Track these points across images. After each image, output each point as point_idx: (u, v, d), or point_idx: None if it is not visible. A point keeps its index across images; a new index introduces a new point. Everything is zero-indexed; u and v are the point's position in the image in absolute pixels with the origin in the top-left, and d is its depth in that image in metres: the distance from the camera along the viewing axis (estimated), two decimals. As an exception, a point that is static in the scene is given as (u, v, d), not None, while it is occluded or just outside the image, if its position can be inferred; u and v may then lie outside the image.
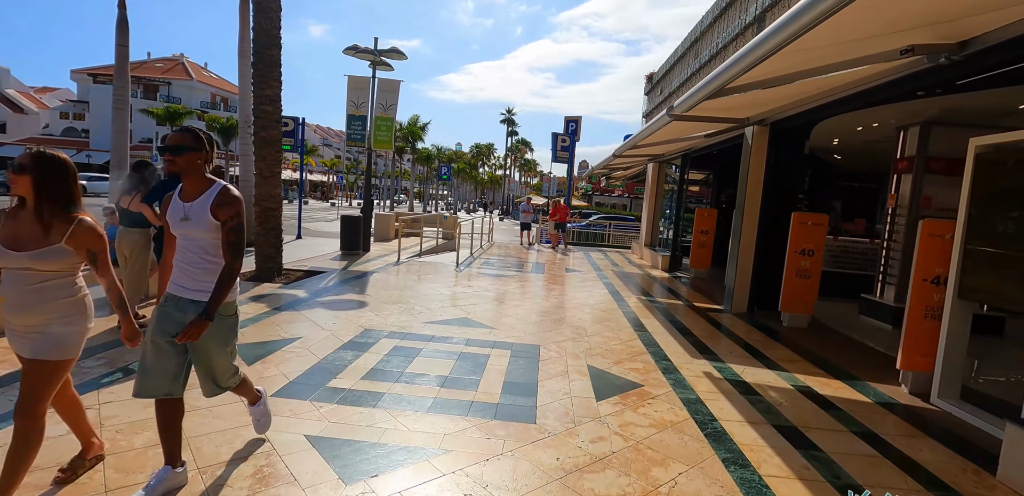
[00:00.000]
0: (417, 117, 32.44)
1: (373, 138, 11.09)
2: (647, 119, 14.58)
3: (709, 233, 10.47)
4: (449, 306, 6.40)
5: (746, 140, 7.16)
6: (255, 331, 4.78)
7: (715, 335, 5.84)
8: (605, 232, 17.09)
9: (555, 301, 7.24)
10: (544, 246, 15.86)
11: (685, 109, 4.72)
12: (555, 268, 10.88)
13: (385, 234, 14.26)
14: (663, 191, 13.52)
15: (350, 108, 11.15)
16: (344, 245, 10.63)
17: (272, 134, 7.42)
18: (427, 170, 61.74)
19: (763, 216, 7.01)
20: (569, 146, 19.68)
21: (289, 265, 8.70)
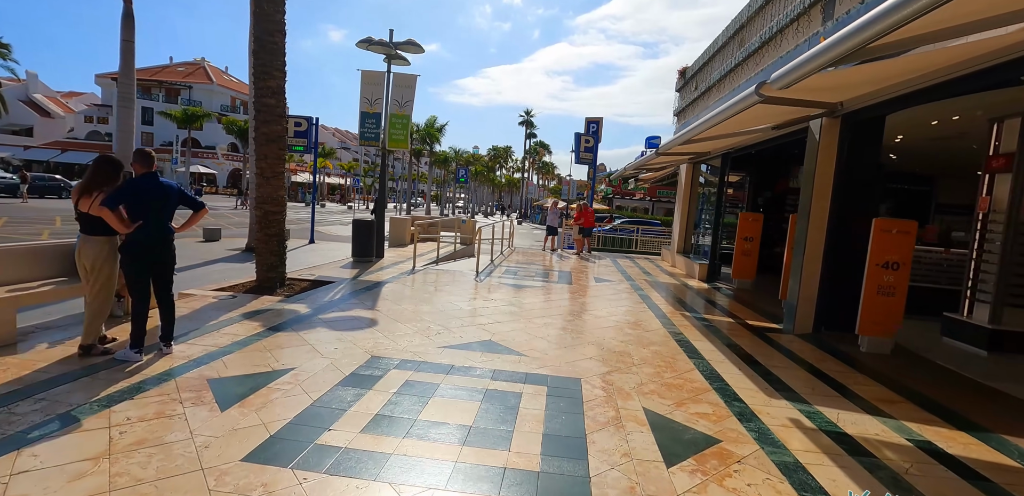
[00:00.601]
0: (434, 118, 31.75)
1: (388, 137, 10.36)
2: (680, 117, 13.65)
3: (754, 240, 9.50)
4: (470, 325, 5.57)
5: (812, 134, 6.23)
6: (241, 360, 4.00)
7: (785, 364, 4.91)
8: (632, 237, 16.14)
9: (589, 318, 6.37)
10: (568, 252, 14.99)
11: (788, 83, 3.60)
12: (583, 277, 10.00)
13: (400, 239, 13.53)
14: (697, 194, 12.56)
15: (363, 105, 10.44)
16: (356, 252, 9.90)
17: (275, 130, 6.70)
18: (444, 173, 61.29)
19: (833, 222, 6.07)
20: (592, 147, 18.75)
21: (295, 274, 7.97)
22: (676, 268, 12.35)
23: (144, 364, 3.78)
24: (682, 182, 12.73)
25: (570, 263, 12.39)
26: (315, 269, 8.77)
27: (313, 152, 15.44)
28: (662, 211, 40.31)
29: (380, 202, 10.74)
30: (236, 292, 6.40)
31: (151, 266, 3.87)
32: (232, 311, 5.44)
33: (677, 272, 11.77)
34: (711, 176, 12.06)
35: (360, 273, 8.59)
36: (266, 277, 6.76)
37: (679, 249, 12.72)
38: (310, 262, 10.22)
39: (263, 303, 5.93)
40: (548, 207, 14.63)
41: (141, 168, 3.81)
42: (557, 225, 14.70)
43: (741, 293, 9.08)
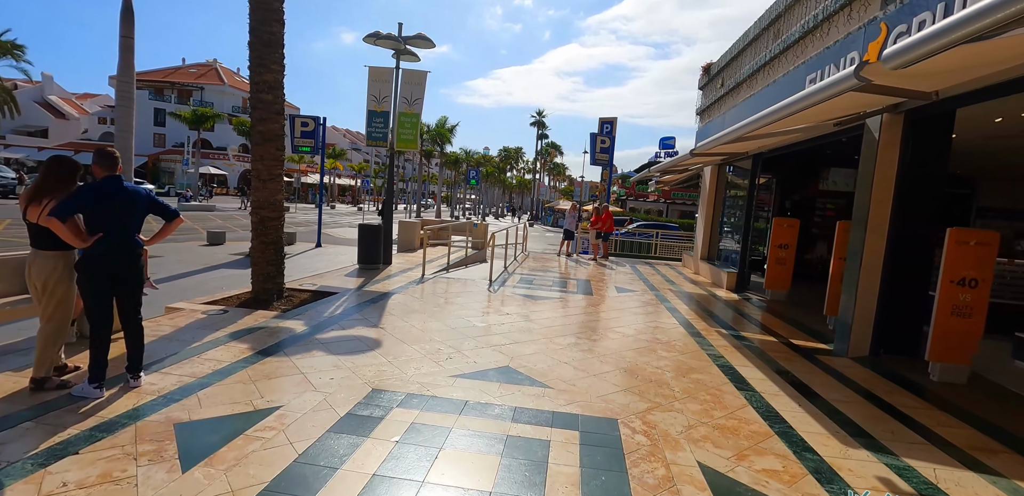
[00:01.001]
0: (445, 118, 31.17)
1: (396, 136, 9.80)
2: (704, 116, 12.97)
3: (789, 247, 8.80)
4: (484, 346, 4.97)
5: (869, 133, 5.55)
6: (220, 395, 3.42)
7: (850, 398, 4.24)
8: (651, 242, 15.43)
9: (615, 336, 5.73)
10: (584, 257, 14.33)
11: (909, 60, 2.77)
12: (603, 286, 9.36)
13: (410, 243, 12.98)
14: (722, 198, 11.85)
15: (371, 103, 9.90)
16: (362, 258, 9.34)
17: (272, 128, 6.15)
18: (455, 174, 60.83)
19: (894, 230, 5.38)
20: (608, 147, 18.10)
21: (296, 283, 7.43)
22: (700, 276, 11.66)
23: (104, 402, 3.21)
24: (706, 185, 12.04)
25: (587, 270, 11.75)
26: (318, 277, 8.22)
27: (320, 152, 14.96)
28: (676, 213, 39.46)
29: (387, 206, 10.19)
30: (229, 305, 5.85)
31: (114, 285, 3.31)
32: (220, 330, 4.88)
33: (702, 280, 11.08)
34: (738, 179, 11.36)
35: (366, 282, 8.02)
36: (262, 289, 6.21)
37: (703, 255, 12.03)
38: (314, 268, 9.69)
39: (256, 319, 5.37)
40: (566, 210, 14.00)
41: (102, 170, 3.26)
42: (574, 229, 14.05)
43: (776, 305, 8.38)
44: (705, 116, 12.63)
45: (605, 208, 13.37)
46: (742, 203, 10.61)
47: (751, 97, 9.09)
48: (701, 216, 12.33)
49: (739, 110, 9.65)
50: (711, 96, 12.16)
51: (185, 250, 12.24)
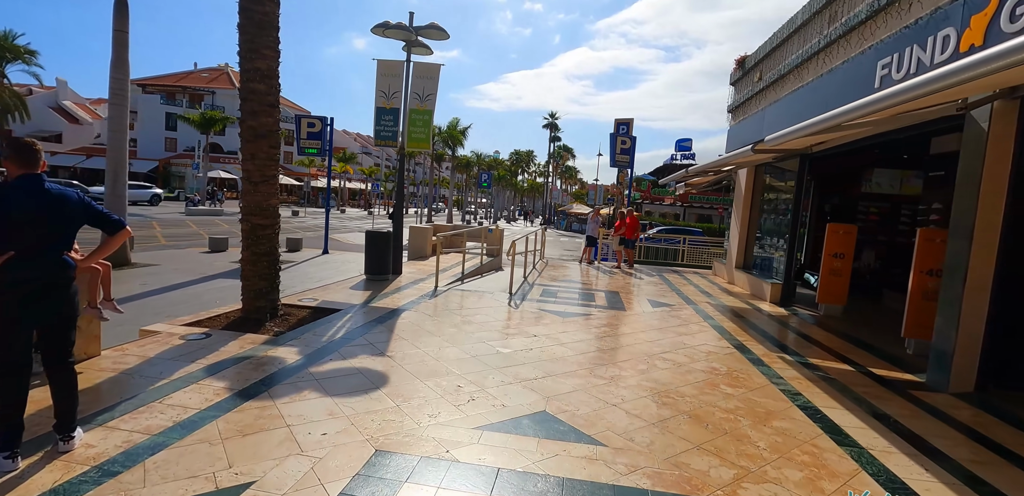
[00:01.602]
0: (457, 120, 30.32)
1: (407, 136, 9.00)
2: (737, 113, 12.05)
3: (846, 257, 7.86)
4: (513, 380, 4.11)
5: (973, 125, 4.62)
6: (174, 463, 2.60)
7: (984, 457, 3.32)
8: (677, 248, 14.49)
9: (667, 366, 4.84)
10: (607, 264, 13.43)
11: None
12: (634, 299, 8.46)
13: (421, 250, 12.17)
14: (759, 201, 10.91)
15: (379, 100, 9.12)
16: (370, 269, 8.53)
17: (264, 123, 5.37)
18: (466, 178, 60.13)
19: (1007, 241, 4.45)
20: (629, 148, 17.19)
21: (295, 297, 6.64)
22: (737, 286, 10.71)
23: (16, 478, 2.40)
24: (741, 188, 11.11)
25: (613, 279, 10.85)
26: (321, 290, 7.42)
27: (328, 154, 14.25)
28: (694, 217, 38.36)
29: (398, 211, 9.39)
30: (214, 327, 5.06)
31: (32, 321, 2.50)
32: (196, 361, 4.07)
33: (739, 291, 10.14)
34: (777, 181, 10.42)
35: (373, 296, 7.21)
36: (253, 307, 5.41)
37: (738, 264, 11.08)
38: (318, 279, 8.91)
39: (243, 346, 4.56)
40: (588, 215, 13.10)
41: (16, 167, 2.46)
42: (597, 235, 13.15)
43: (835, 323, 7.43)
44: (739, 113, 11.71)
45: (630, 212, 12.47)
46: (784, 207, 9.68)
47: (801, 88, 8.18)
48: (735, 221, 11.39)
49: (785, 104, 8.74)
50: (746, 91, 11.25)
51: (184, 258, 11.54)
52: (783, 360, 5.28)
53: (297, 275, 9.47)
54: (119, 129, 10.06)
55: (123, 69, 9.92)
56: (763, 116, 9.89)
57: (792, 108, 8.44)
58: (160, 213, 25.77)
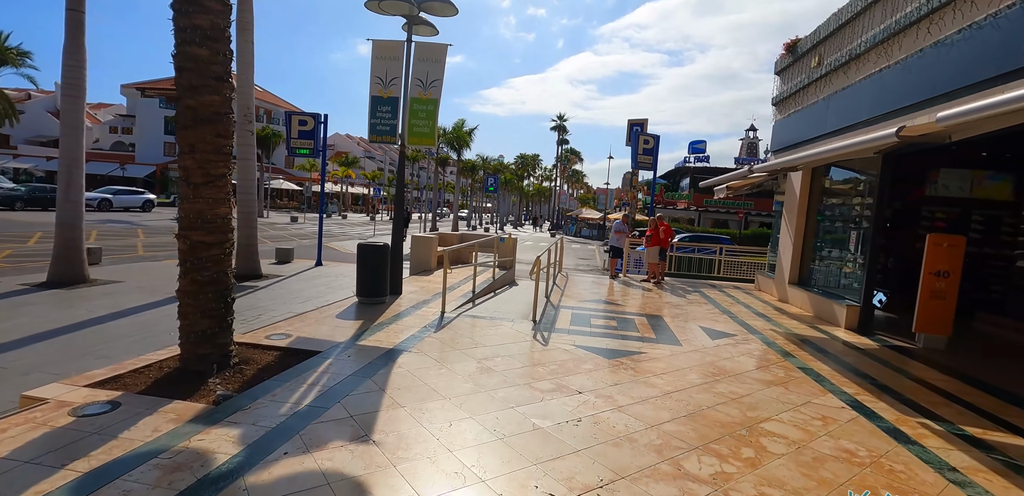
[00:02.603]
0: (463, 121, 28.73)
1: (408, 129, 7.54)
2: (783, 107, 10.56)
3: (952, 276, 6.33)
4: (568, 489, 2.61)
5: None
6: None
7: None
8: (712, 258, 12.93)
9: (782, 450, 3.32)
10: (634, 277, 11.90)
11: None
12: (686, 327, 6.94)
13: (424, 263, 10.70)
14: (816, 207, 9.39)
15: (375, 88, 7.67)
16: (363, 291, 7.05)
17: (208, 103, 3.88)
18: (471, 182, 58.75)
19: None
20: (653, 148, 15.73)
21: (263, 333, 5.17)
22: (793, 306, 9.17)
23: None
24: (795, 192, 9.59)
25: (649, 299, 9.34)
26: (299, 321, 5.94)
27: (321, 155, 12.84)
28: (709, 222, 36.77)
29: (398, 219, 7.91)
30: (131, 389, 3.58)
31: None
32: (67, 467, 2.59)
33: (797, 312, 8.60)
34: (840, 184, 8.92)
35: (364, 328, 5.72)
36: (194, 355, 3.93)
37: (792, 279, 9.55)
38: (303, 299, 7.44)
39: (159, 427, 3.07)
40: (614, 223, 11.61)
41: None
42: (623, 245, 11.63)
43: (951, 361, 5.87)
44: (789, 104, 10.21)
45: (661, 219, 10.96)
46: (850, 213, 8.17)
47: (888, 69, 6.68)
48: (788, 230, 9.87)
49: (865, 88, 7.25)
50: (798, 80, 9.75)
51: (156, 272, 10.10)
52: (933, 432, 3.75)
53: (278, 295, 8.01)
54: (74, 125, 8.64)
55: (78, 55, 8.52)
56: (827, 105, 8.40)
57: (875, 93, 6.95)
58: (151, 220, 24.45)
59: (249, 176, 10.21)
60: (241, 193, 10.23)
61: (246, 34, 9.79)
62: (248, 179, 10.21)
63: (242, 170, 10.15)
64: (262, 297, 7.94)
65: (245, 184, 10.20)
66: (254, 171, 10.34)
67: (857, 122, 7.45)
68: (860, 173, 8.15)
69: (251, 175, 10.23)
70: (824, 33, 8.70)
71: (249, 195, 10.22)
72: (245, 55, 9.83)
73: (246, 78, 9.96)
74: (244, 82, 9.95)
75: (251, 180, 10.25)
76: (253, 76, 10.11)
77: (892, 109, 6.55)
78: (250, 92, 10.07)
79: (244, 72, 9.93)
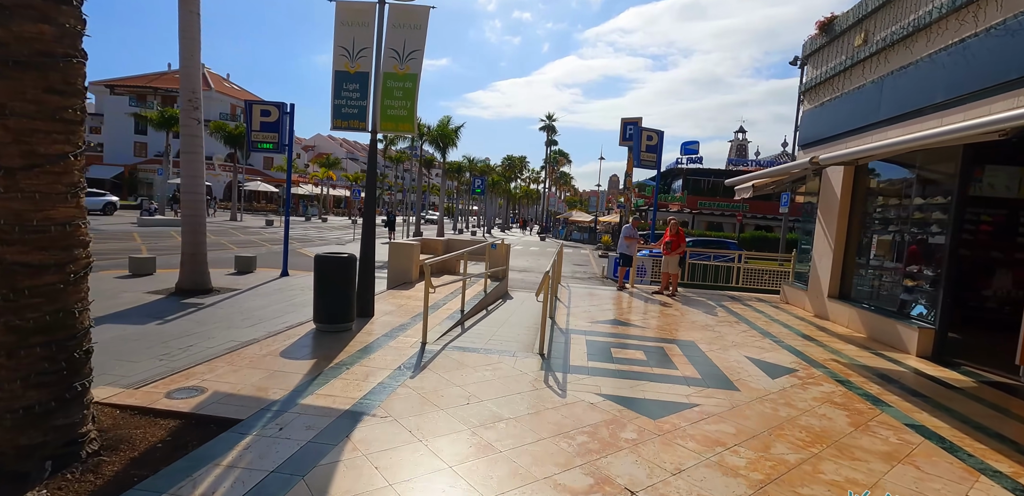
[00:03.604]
0: (448, 118, 26.92)
1: (380, 111, 6.06)
2: (812, 95, 9.29)
3: (1069, 294, 5.02)
4: None
5: None
6: None
7: None
8: (731, 266, 11.55)
9: None
10: (643, 288, 10.51)
11: None
12: (731, 359, 5.54)
13: (405, 274, 9.21)
14: (861, 210, 8.10)
15: (339, 61, 6.18)
16: (322, 316, 5.52)
17: (28, 34, 2.37)
18: (457, 184, 57.12)
19: None
20: (656, 145, 14.42)
21: (166, 383, 3.65)
22: (838, 324, 7.85)
23: None
24: (836, 191, 8.29)
25: (669, 316, 7.95)
26: (228, 361, 4.41)
27: (287, 150, 11.28)
28: (703, 224, 35.70)
29: (368, 222, 6.40)
30: None
31: None
32: None
33: (847, 332, 7.28)
34: (886, 184, 7.65)
35: (316, 375, 4.21)
36: (11, 447, 2.41)
37: (832, 292, 8.23)
38: (252, 322, 5.89)
39: None
40: (623, 228, 10.20)
41: None
42: (634, 252, 10.22)
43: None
44: (823, 92, 8.93)
45: (675, 224, 9.60)
46: (916, 216, 6.88)
47: (987, 33, 5.37)
48: (825, 235, 8.56)
49: (940, 63, 5.95)
50: (836, 62, 8.47)
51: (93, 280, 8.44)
52: None
53: (223, 316, 6.44)
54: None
55: None
56: (879, 88, 7.11)
57: (954, 69, 5.66)
58: (109, 224, 22.53)
59: (195, 172, 8.62)
60: (187, 193, 8.66)
61: (190, 4, 8.25)
62: (194, 176, 8.62)
63: (187, 165, 8.58)
64: (202, 319, 6.39)
65: (191, 182, 8.62)
66: (201, 167, 8.75)
67: (924, 106, 6.17)
68: (922, 169, 6.87)
69: (197, 171, 8.65)
70: (872, 5, 7.42)
71: (195, 195, 8.64)
72: (190, 29, 8.29)
73: (191, 54, 8.41)
74: (189, 59, 8.40)
75: (197, 177, 8.66)
76: (199, 53, 8.55)
77: (983, 86, 5.25)
78: (195, 71, 8.52)
79: (188, 48, 8.37)
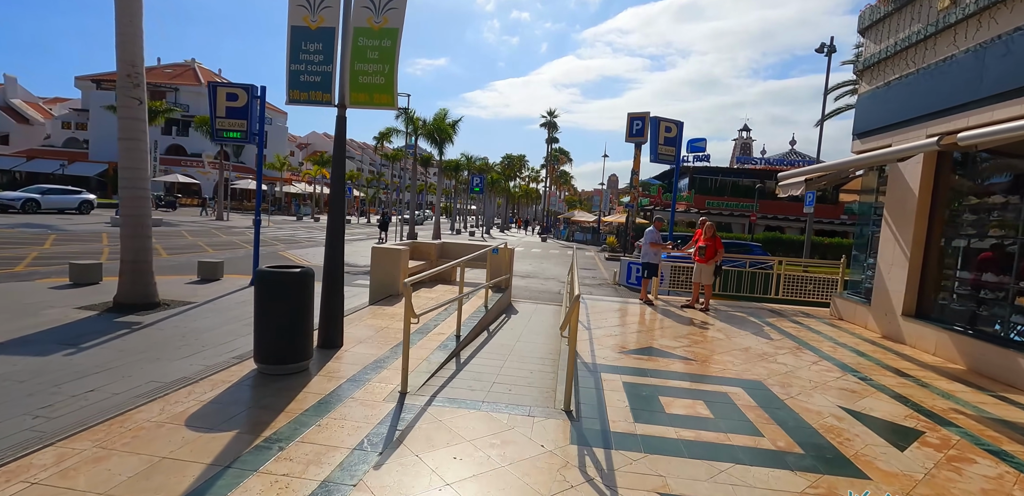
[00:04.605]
0: (445, 111, 25.11)
1: (349, 79, 4.58)
2: (870, 75, 7.82)
3: None
4: None
5: None
6: None
7: None
8: (769, 273, 9.96)
9: None
10: (667, 299, 9.02)
11: None
12: (821, 412, 4.08)
13: (390, 286, 7.72)
14: (946, 211, 6.64)
15: (297, 12, 4.67)
16: (264, 354, 4.02)
17: None
18: (455, 183, 55.49)
19: None
20: (675, 138, 12.95)
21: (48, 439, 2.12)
22: (919, 350, 6.39)
23: None
24: (914, 189, 6.82)
25: (715, 341, 6.48)
26: (111, 430, 2.92)
27: (258, 140, 9.80)
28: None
29: (334, 231, 4.89)
30: None
31: None
32: None
33: (937, 362, 5.81)
34: (992, 180, 6.19)
35: (224, 469, 2.72)
36: None
37: (907, 310, 6.77)
38: (184, 355, 4.38)
39: None
40: (646, 233, 8.67)
41: None
42: (659, 261, 8.73)
43: None
44: (887, 69, 7.45)
45: (711, 226, 8.13)
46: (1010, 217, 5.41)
47: None
48: (896, 241, 7.10)
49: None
50: (909, 32, 7.01)
51: (11, 296, 6.96)
52: None
53: (156, 343, 4.94)
54: None
55: None
56: (979, 59, 5.64)
57: None
58: (81, 223, 20.98)
59: (136, 164, 7.12)
60: (126, 188, 7.16)
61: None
62: (135, 168, 7.12)
63: (126, 154, 7.08)
64: (129, 347, 4.91)
65: (132, 175, 7.11)
66: (144, 156, 7.24)
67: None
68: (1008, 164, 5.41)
69: (138, 161, 7.14)
70: (969, -45, 5.95)
71: (136, 190, 7.13)
72: None
73: (129, 16, 6.87)
74: (127, 24, 6.87)
75: (139, 169, 7.16)
76: (140, 14, 7.02)
77: None
78: (135, 38, 6.98)
79: (126, 15, 6.86)
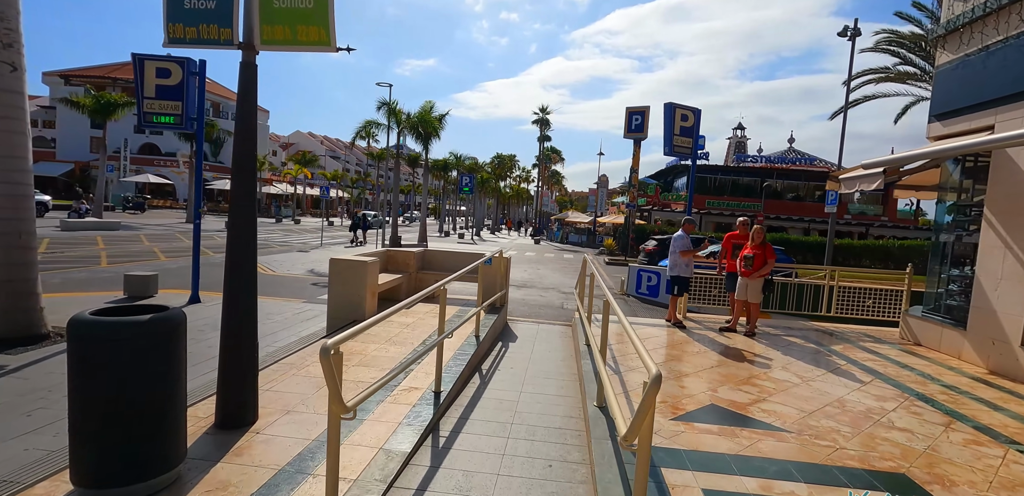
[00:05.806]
0: (432, 104, 23.24)
1: (259, 5, 2.92)
2: (950, 43, 6.27)
3: None
4: None
5: None
6: None
7: None
8: (821, 284, 8.19)
9: None
10: (696, 317, 7.38)
11: None
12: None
13: (353, 308, 6.02)
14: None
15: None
16: (85, 472, 2.29)
17: None
18: (443, 183, 53.60)
19: None
20: (692, 127, 11.38)
21: None
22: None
23: None
24: None
25: (795, 388, 4.86)
26: None
27: (197, 125, 8.04)
28: (711, 226, 32.78)
29: (239, 239, 3.20)
30: None
31: None
32: None
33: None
34: None
35: None
36: None
37: (1026, 338, 5.19)
38: (20, 433, 2.62)
39: None
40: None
41: None
42: (690, 273, 7.06)
43: None
44: (978, 33, 5.89)
45: (759, 229, 6.51)
46: None
47: None
48: (1006, 249, 5.53)
49: None
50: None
51: None
52: None
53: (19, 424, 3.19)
54: None
55: None
56: None
57: None
58: (28, 227, 18.94)
59: (12, 151, 5.34)
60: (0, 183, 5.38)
61: None
62: (10, 156, 5.34)
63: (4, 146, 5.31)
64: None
65: (6, 166, 5.34)
66: (24, 141, 5.47)
67: None
68: None
69: (15, 149, 5.37)
70: None
71: (15, 186, 5.37)
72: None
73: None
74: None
75: (17, 158, 5.38)
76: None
77: None
78: None
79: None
